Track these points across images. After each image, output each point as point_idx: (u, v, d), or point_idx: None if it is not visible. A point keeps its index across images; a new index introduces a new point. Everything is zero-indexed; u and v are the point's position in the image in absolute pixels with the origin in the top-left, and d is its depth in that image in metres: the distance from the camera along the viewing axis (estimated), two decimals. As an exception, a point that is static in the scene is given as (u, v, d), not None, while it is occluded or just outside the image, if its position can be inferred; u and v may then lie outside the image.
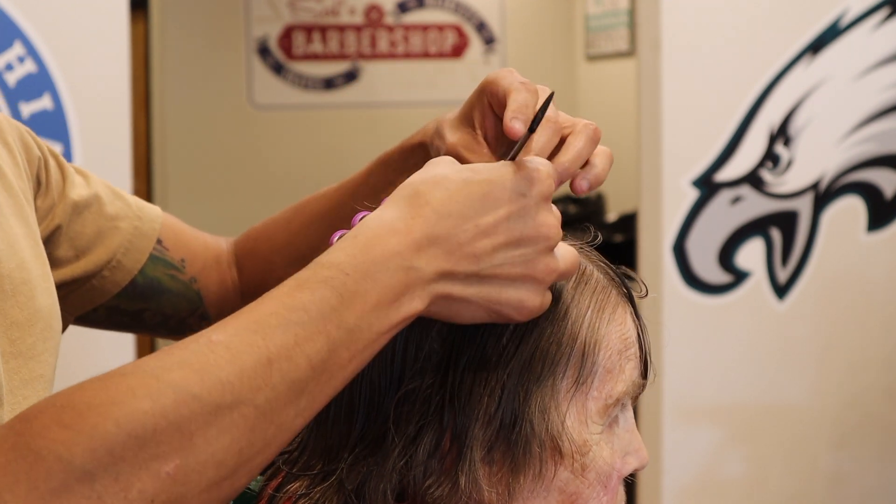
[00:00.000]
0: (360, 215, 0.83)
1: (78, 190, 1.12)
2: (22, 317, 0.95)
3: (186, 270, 1.18)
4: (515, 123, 0.86)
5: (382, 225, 0.77)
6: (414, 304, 0.76)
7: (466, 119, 0.98)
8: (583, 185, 0.87)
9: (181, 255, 1.18)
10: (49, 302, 1.00)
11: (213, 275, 1.20)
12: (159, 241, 1.16)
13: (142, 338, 3.92)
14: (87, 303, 1.13)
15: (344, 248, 0.76)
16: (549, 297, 0.81)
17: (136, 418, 0.65)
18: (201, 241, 1.21)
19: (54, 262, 1.09)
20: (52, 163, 1.11)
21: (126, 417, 0.65)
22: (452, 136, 0.98)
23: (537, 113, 0.82)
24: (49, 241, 1.09)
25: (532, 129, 0.80)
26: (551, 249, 0.79)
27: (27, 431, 0.65)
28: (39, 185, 1.09)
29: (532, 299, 0.79)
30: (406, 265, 0.75)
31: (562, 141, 0.89)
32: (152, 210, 1.18)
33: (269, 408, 0.70)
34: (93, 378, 0.69)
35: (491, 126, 0.97)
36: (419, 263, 0.76)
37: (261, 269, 1.19)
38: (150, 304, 1.16)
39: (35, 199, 1.08)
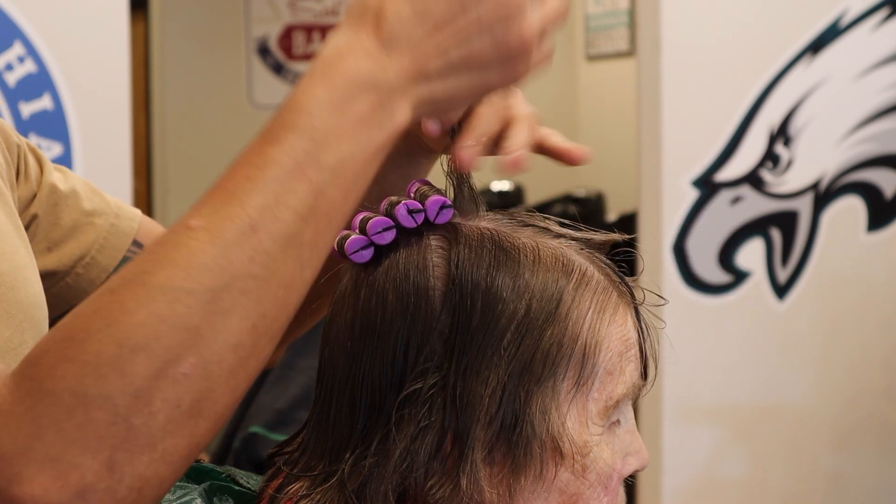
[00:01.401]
0: (360, 216, 0.83)
1: (56, 183, 1.10)
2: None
3: None
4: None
5: (335, 50, 0.73)
6: (397, 118, 0.73)
7: None
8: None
9: None
10: (31, 292, 0.98)
11: None
12: (139, 245, 1.13)
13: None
14: (63, 302, 1.10)
15: (302, 88, 0.72)
16: (536, 56, 0.77)
17: (135, 332, 0.64)
18: None
19: None
20: (30, 155, 1.09)
21: (125, 335, 0.64)
22: None
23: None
24: (26, 231, 1.07)
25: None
26: (517, 17, 0.75)
27: (37, 375, 0.64)
28: (19, 174, 1.07)
29: (514, 72, 0.76)
30: (372, 82, 0.72)
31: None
32: (131, 210, 1.16)
33: (267, 274, 0.67)
34: (84, 302, 0.67)
35: None
36: (385, 75, 0.72)
37: None
38: None
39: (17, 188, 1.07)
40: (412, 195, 0.84)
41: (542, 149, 0.93)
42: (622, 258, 0.88)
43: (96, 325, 0.65)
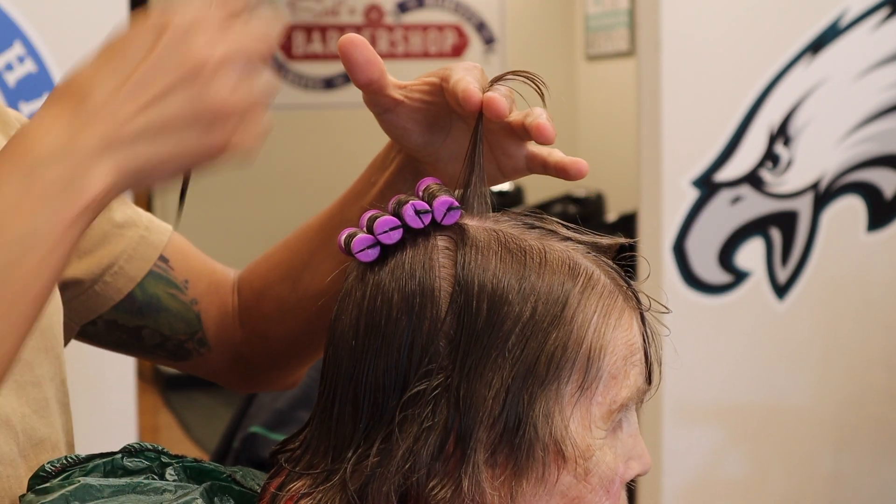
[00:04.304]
0: (367, 214, 0.83)
1: None
2: None
3: (188, 292, 1.15)
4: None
5: (29, 127, 0.74)
6: (91, 187, 0.72)
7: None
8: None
9: (185, 276, 1.16)
10: None
11: (215, 299, 1.17)
12: (165, 260, 1.14)
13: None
14: (90, 311, 1.12)
15: None
16: (250, 128, 0.76)
17: None
18: (209, 266, 1.19)
19: None
20: None
21: None
22: None
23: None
24: None
25: None
26: (212, 80, 0.75)
27: None
28: None
29: (216, 136, 0.75)
30: (60, 152, 0.72)
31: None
32: (162, 224, 1.17)
33: None
34: None
35: None
36: (76, 144, 0.72)
37: (258, 289, 1.16)
38: (149, 322, 1.14)
39: None
40: (420, 195, 0.84)
41: (545, 167, 0.95)
42: (624, 262, 0.88)
43: None
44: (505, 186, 6.36)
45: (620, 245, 0.88)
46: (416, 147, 0.99)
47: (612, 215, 6.33)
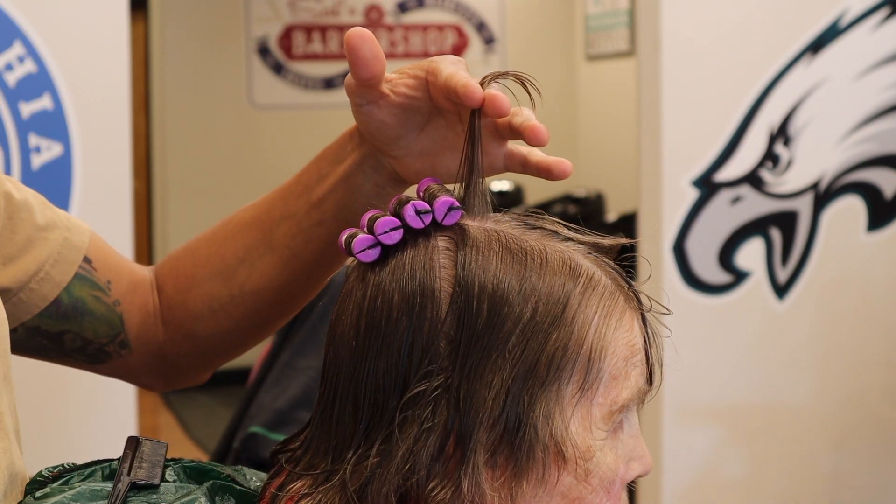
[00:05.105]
0: (368, 214, 0.84)
1: (11, 191, 1.07)
2: None
3: (111, 293, 1.12)
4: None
5: None
6: None
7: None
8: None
9: (108, 276, 1.12)
10: None
11: (137, 299, 1.14)
12: (88, 261, 1.11)
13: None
14: (14, 320, 1.08)
15: None
16: None
17: None
18: (127, 265, 1.16)
19: None
20: None
21: None
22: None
23: None
24: None
25: None
26: None
27: None
28: None
29: None
30: None
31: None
32: (81, 224, 1.13)
33: None
34: None
35: None
36: None
37: (183, 286, 1.13)
38: (72, 326, 1.11)
39: None
40: (421, 195, 0.84)
41: (525, 166, 0.94)
42: (624, 262, 0.88)
43: None
44: (505, 186, 6.36)
45: (621, 245, 0.88)
46: (388, 141, 0.98)
47: (612, 215, 6.32)
